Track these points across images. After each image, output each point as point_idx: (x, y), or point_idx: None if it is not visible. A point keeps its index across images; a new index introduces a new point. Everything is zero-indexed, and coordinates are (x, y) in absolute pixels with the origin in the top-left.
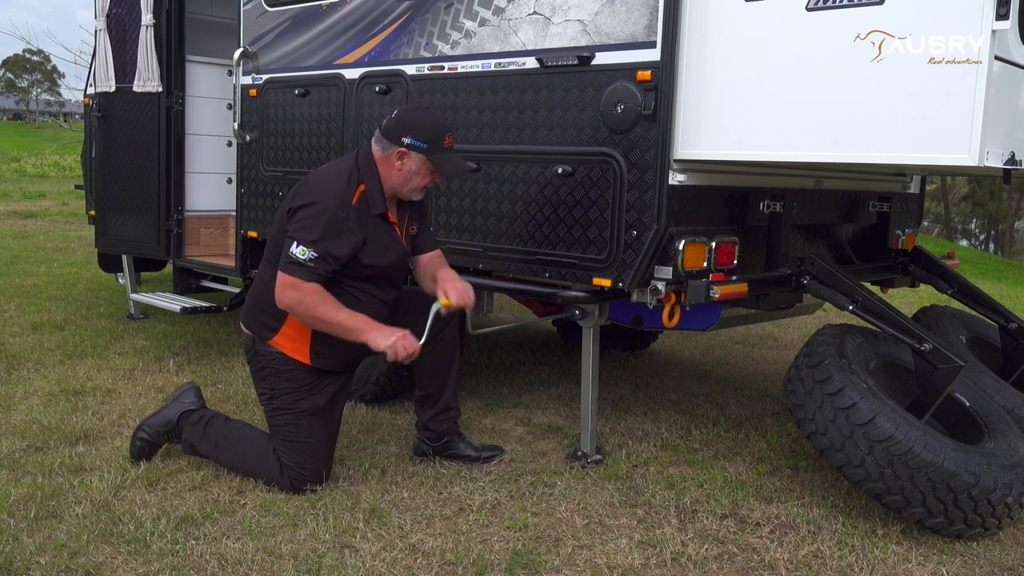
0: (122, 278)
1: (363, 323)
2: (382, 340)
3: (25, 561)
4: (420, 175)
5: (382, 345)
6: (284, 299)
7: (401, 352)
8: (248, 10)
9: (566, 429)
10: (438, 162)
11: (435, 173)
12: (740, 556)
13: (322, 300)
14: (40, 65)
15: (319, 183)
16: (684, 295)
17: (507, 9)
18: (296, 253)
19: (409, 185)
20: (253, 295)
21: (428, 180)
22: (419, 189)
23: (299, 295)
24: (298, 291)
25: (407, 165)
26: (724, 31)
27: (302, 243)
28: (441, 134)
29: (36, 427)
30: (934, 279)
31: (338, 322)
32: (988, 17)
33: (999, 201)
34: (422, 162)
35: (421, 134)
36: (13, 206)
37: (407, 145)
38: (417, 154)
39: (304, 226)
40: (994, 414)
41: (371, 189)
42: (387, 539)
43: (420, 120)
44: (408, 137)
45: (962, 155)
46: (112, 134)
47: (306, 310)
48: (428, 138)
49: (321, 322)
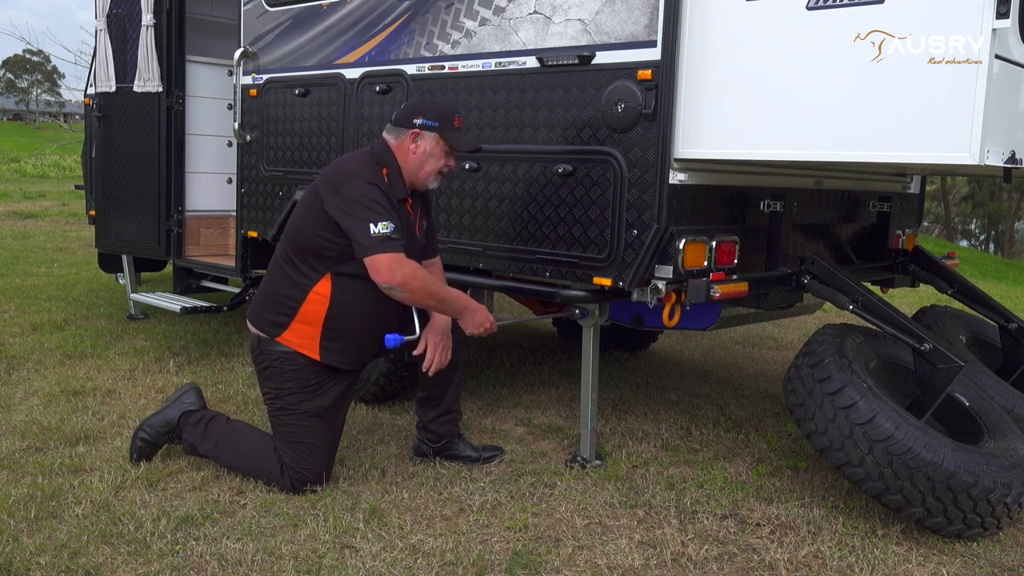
0: (122, 278)
1: (466, 300)
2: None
3: (25, 561)
4: (435, 156)
5: (475, 330)
6: (396, 277)
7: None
8: (248, 10)
9: (566, 429)
10: (451, 139)
11: (448, 155)
12: (740, 556)
13: (427, 274)
14: (40, 65)
15: (352, 167)
16: (684, 294)
17: (507, 8)
18: (381, 230)
19: (425, 168)
20: (262, 293)
21: (442, 163)
22: (434, 174)
23: (411, 269)
24: (407, 265)
25: (421, 146)
26: (725, 30)
27: (379, 219)
28: (451, 114)
29: (36, 427)
30: (934, 279)
31: (445, 298)
32: (988, 16)
33: (999, 201)
34: (435, 141)
35: (432, 114)
36: (13, 206)
37: (419, 125)
38: (430, 133)
39: (368, 204)
40: (994, 414)
41: (392, 175)
42: (387, 539)
43: (429, 103)
44: (419, 118)
45: (962, 154)
46: (112, 134)
47: (422, 284)
48: (439, 117)
49: (433, 297)
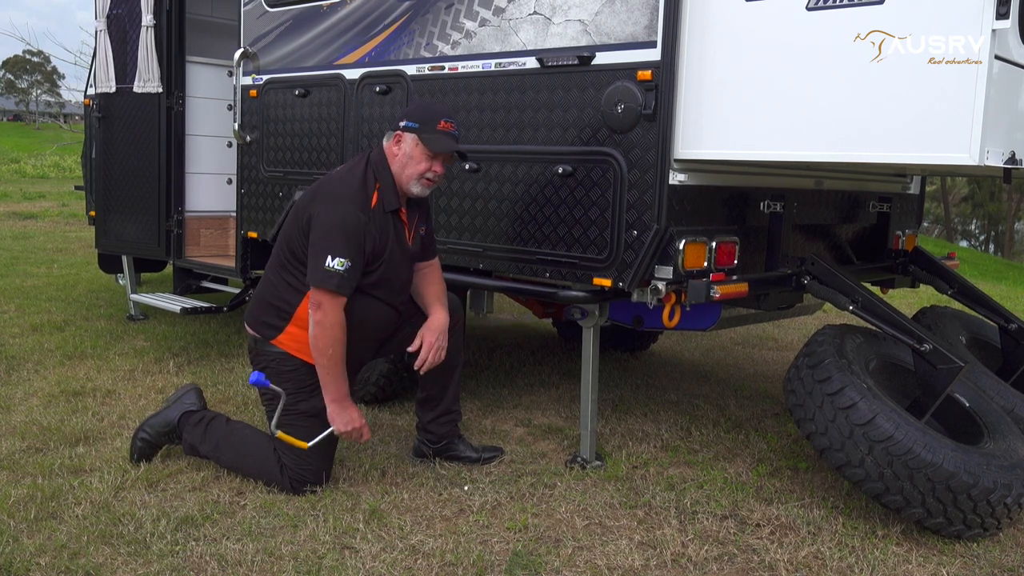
0: (122, 279)
1: (339, 392)
2: (341, 422)
3: (25, 562)
4: (414, 159)
5: (340, 427)
6: (315, 316)
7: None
8: (248, 11)
9: (566, 430)
10: (426, 140)
11: (431, 159)
12: (740, 557)
13: (338, 336)
14: (40, 66)
15: (339, 189)
16: (684, 295)
17: (507, 9)
18: (334, 266)
19: (407, 171)
20: (259, 295)
21: (423, 167)
22: (417, 178)
23: (329, 320)
24: (330, 313)
25: (402, 148)
26: (724, 31)
27: (337, 255)
28: (436, 116)
29: (36, 428)
30: (934, 279)
31: (327, 368)
32: (988, 16)
33: (999, 202)
34: (414, 142)
35: (416, 116)
36: (13, 207)
37: (402, 127)
38: (409, 135)
39: (334, 237)
40: (994, 415)
41: (385, 187)
42: (387, 540)
43: (420, 105)
44: (404, 120)
45: (962, 154)
46: (112, 135)
47: (324, 342)
48: (421, 119)
49: (320, 360)
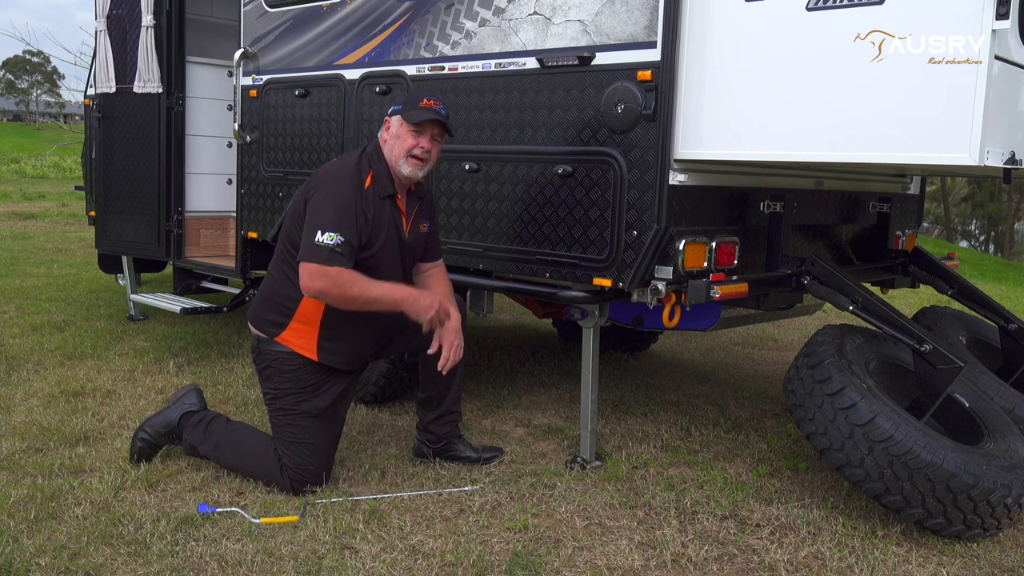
0: (122, 279)
1: (400, 292)
2: (422, 310)
3: (25, 562)
4: (400, 137)
5: (423, 316)
6: (315, 286)
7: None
8: (248, 11)
9: (566, 430)
10: (409, 116)
11: (416, 134)
12: (740, 557)
13: (352, 278)
14: (40, 66)
15: (332, 172)
16: (684, 295)
17: (507, 9)
18: (324, 240)
19: (395, 152)
20: (262, 293)
21: (410, 143)
22: (405, 155)
23: (329, 279)
24: (327, 275)
25: (390, 131)
26: (724, 31)
27: (327, 230)
28: (418, 97)
29: (36, 428)
30: (934, 280)
31: (376, 297)
32: (988, 17)
33: (999, 202)
34: (399, 122)
35: (400, 100)
36: (13, 207)
37: (389, 113)
38: (395, 117)
39: (325, 213)
40: (994, 415)
41: (379, 174)
42: (387, 540)
43: (407, 94)
44: (391, 107)
45: (962, 155)
46: (112, 135)
47: (341, 291)
48: (404, 101)
49: (358, 300)
